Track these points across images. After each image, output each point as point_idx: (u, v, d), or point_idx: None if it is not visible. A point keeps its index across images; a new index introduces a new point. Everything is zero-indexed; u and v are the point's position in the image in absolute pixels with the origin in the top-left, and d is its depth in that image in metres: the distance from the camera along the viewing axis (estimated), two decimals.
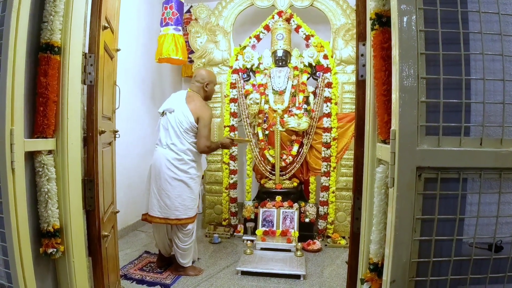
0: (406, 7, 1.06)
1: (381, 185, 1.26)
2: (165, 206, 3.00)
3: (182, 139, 3.01)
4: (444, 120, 1.14)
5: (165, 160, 3.00)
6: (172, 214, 2.99)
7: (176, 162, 2.99)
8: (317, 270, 3.40)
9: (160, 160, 3.02)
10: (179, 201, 3.00)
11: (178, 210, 3.00)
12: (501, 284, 1.26)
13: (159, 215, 3.02)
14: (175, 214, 3.00)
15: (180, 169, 3.00)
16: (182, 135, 3.00)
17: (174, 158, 2.99)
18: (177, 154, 3.00)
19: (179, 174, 3.00)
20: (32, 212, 1.61)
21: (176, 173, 2.99)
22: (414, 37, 1.07)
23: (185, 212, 3.02)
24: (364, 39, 1.55)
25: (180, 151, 3.00)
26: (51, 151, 1.69)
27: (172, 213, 2.99)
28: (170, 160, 2.99)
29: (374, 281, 1.34)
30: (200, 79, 3.19)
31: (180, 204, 3.00)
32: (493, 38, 1.21)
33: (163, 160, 3.01)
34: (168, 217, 3.00)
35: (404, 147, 1.07)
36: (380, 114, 1.27)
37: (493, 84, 1.23)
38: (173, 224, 3.02)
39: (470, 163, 1.13)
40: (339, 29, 4.18)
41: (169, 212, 3.00)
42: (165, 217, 3.01)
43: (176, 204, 2.99)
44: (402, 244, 1.11)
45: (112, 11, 2.22)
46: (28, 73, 1.56)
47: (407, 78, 1.05)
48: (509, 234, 1.25)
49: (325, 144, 4.21)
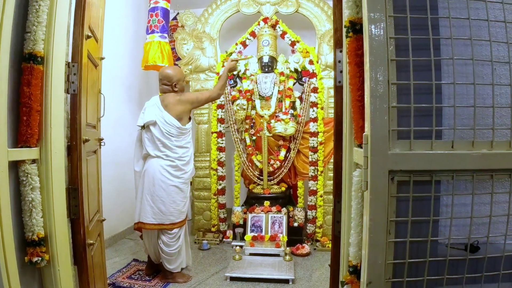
0: (376, 15, 1.10)
1: (357, 188, 1.29)
2: (159, 212, 3.01)
3: (173, 148, 3.02)
4: (418, 124, 1.17)
5: (159, 167, 3.00)
6: (167, 220, 3.02)
7: (170, 168, 3.01)
8: (306, 274, 3.42)
9: (154, 168, 3.02)
10: (173, 206, 3.03)
11: (172, 215, 3.03)
12: (479, 283, 1.29)
13: (153, 222, 3.02)
14: (169, 219, 3.02)
15: (174, 175, 3.03)
16: (172, 144, 3.01)
17: (168, 165, 3.01)
18: (171, 161, 3.02)
19: (173, 179, 3.02)
20: (16, 221, 1.60)
21: (170, 179, 3.01)
22: (384, 44, 1.10)
23: (178, 216, 3.06)
24: (341, 46, 1.58)
25: (174, 158, 3.02)
26: (35, 160, 1.69)
27: (167, 219, 3.01)
28: (164, 167, 3.00)
29: (354, 283, 1.37)
30: (167, 81, 3.12)
31: (174, 209, 3.03)
32: (466, 43, 1.24)
33: (156, 167, 3.01)
34: (162, 223, 3.02)
35: (376, 151, 1.10)
36: (356, 119, 1.30)
37: (466, 88, 1.26)
38: (167, 229, 3.03)
39: (442, 165, 1.15)
40: (324, 35, 4.24)
41: (163, 217, 3.01)
42: (159, 223, 3.02)
43: (170, 210, 3.02)
44: (377, 246, 1.14)
45: (96, 20, 2.23)
46: (12, 83, 1.56)
47: (377, 84, 1.09)
48: (485, 235, 1.28)
49: (312, 148, 4.25)
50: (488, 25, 1.22)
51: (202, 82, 4.57)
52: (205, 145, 4.61)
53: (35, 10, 1.63)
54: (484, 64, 1.29)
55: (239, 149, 4.46)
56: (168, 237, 3.06)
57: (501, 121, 1.30)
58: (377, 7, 1.11)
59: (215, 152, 4.49)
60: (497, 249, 1.30)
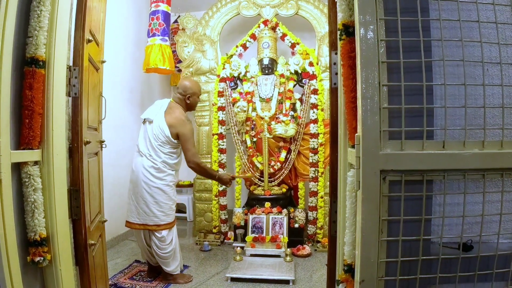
0: (367, 18, 1.12)
1: (351, 188, 1.31)
2: (143, 213, 3.02)
3: (158, 151, 3.03)
4: (410, 125, 1.19)
5: (142, 167, 3.03)
6: (151, 221, 3.02)
7: (152, 170, 3.02)
8: (307, 275, 3.44)
9: (138, 168, 3.06)
10: (156, 208, 3.02)
11: (156, 216, 3.02)
12: (472, 282, 1.30)
13: (137, 221, 3.05)
14: (153, 220, 3.02)
15: (156, 177, 3.03)
16: (158, 147, 3.03)
17: (150, 166, 3.02)
18: (154, 164, 3.03)
19: (155, 181, 3.03)
20: (19, 222, 1.63)
21: (152, 180, 3.02)
22: (374, 47, 1.13)
23: (163, 218, 3.05)
24: (336, 48, 1.61)
25: (157, 162, 3.03)
26: (37, 162, 1.72)
27: (150, 220, 3.02)
28: (147, 168, 3.02)
29: (349, 282, 1.39)
30: (182, 91, 3.17)
31: (157, 210, 3.03)
32: (457, 44, 1.26)
33: (140, 168, 3.04)
34: (146, 223, 3.03)
35: (368, 152, 1.12)
36: (349, 120, 1.33)
37: (458, 89, 1.28)
38: (152, 230, 3.04)
39: (434, 165, 1.17)
40: (323, 36, 4.26)
41: (147, 218, 3.02)
42: (143, 223, 3.04)
43: (154, 211, 3.02)
44: (369, 244, 1.16)
45: (97, 24, 2.26)
46: (14, 87, 1.59)
47: (368, 85, 1.11)
48: (478, 234, 1.30)
49: (313, 150, 4.27)
50: (479, 26, 1.24)
51: (203, 84, 4.60)
52: (206, 147, 4.64)
53: (36, 15, 1.66)
54: (476, 65, 1.31)
55: (240, 150, 4.48)
56: (159, 240, 3.06)
57: (493, 121, 1.32)
58: (368, 10, 1.14)
59: (216, 154, 4.52)
60: (490, 248, 1.31)
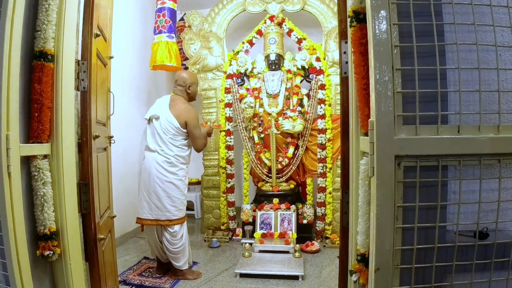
0: (378, 2, 1.10)
1: (364, 176, 1.29)
2: (155, 208, 3.05)
3: (169, 145, 3.06)
4: (424, 109, 1.17)
5: (154, 162, 3.05)
6: (163, 215, 3.05)
7: (165, 164, 3.05)
8: (316, 271, 3.42)
9: (150, 163, 3.08)
10: (169, 202, 3.05)
11: (169, 211, 3.05)
12: (488, 271, 1.28)
13: (149, 217, 3.07)
14: (166, 215, 3.05)
15: (169, 171, 3.06)
16: (169, 141, 3.06)
17: (163, 161, 3.05)
18: (167, 158, 3.05)
19: (168, 176, 3.06)
20: (28, 215, 1.64)
21: (165, 175, 3.05)
22: (387, 31, 1.11)
23: (175, 213, 3.08)
24: (346, 37, 1.59)
25: (169, 155, 3.05)
26: (46, 155, 1.72)
27: (163, 214, 3.05)
28: (160, 163, 3.04)
29: (362, 272, 1.37)
30: (181, 83, 3.22)
31: (170, 205, 3.06)
32: (470, 29, 1.24)
33: (152, 163, 3.06)
34: (159, 218, 3.06)
35: (382, 137, 1.10)
36: (361, 107, 1.31)
37: (471, 74, 1.26)
38: (164, 225, 3.06)
39: (449, 150, 1.15)
40: (330, 31, 4.24)
41: (160, 213, 3.05)
42: (156, 219, 3.06)
43: (166, 205, 3.05)
44: (384, 232, 1.14)
45: (104, 20, 2.26)
46: (23, 80, 1.60)
47: (381, 70, 1.09)
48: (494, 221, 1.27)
49: (321, 145, 4.25)
50: (491, 10, 1.21)
51: (209, 81, 4.60)
52: (213, 144, 4.63)
53: (45, 9, 1.66)
54: (489, 50, 1.28)
55: (248, 147, 4.47)
56: (171, 235, 3.08)
57: (508, 106, 1.29)
58: None
59: (224, 150, 4.52)
60: (506, 235, 1.29)
